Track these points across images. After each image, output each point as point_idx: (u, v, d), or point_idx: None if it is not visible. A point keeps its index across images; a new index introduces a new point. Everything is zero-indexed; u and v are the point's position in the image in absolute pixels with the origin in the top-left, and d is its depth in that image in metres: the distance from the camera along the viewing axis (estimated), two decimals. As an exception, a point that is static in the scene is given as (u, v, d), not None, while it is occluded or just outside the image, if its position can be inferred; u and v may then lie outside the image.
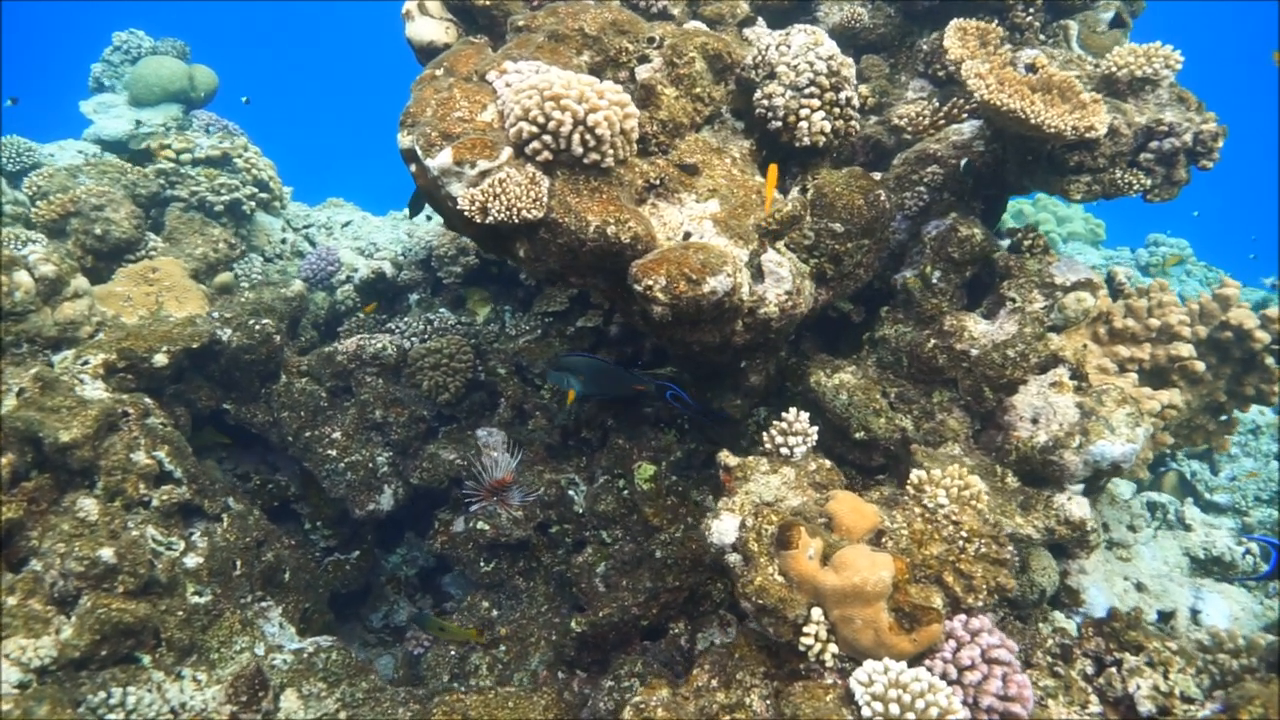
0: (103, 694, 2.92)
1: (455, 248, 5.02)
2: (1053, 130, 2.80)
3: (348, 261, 5.60)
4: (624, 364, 4.01)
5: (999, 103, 2.82)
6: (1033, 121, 2.79)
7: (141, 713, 2.98)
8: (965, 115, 3.65)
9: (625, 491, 3.79)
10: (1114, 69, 3.17)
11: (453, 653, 3.86)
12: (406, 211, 4.19)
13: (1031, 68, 3.18)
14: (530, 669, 3.73)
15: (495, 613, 4.01)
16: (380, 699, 3.41)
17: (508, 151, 2.71)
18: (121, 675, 3.01)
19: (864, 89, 3.93)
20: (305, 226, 6.17)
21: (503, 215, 2.61)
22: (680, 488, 3.73)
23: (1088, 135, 2.81)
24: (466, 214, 2.65)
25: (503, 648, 3.86)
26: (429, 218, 4.32)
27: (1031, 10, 3.61)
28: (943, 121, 3.69)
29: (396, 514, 4.36)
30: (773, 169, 2.98)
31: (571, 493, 3.95)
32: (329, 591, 4.15)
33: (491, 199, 2.62)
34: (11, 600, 2.88)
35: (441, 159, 2.68)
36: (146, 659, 3.11)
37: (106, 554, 3.04)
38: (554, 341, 4.73)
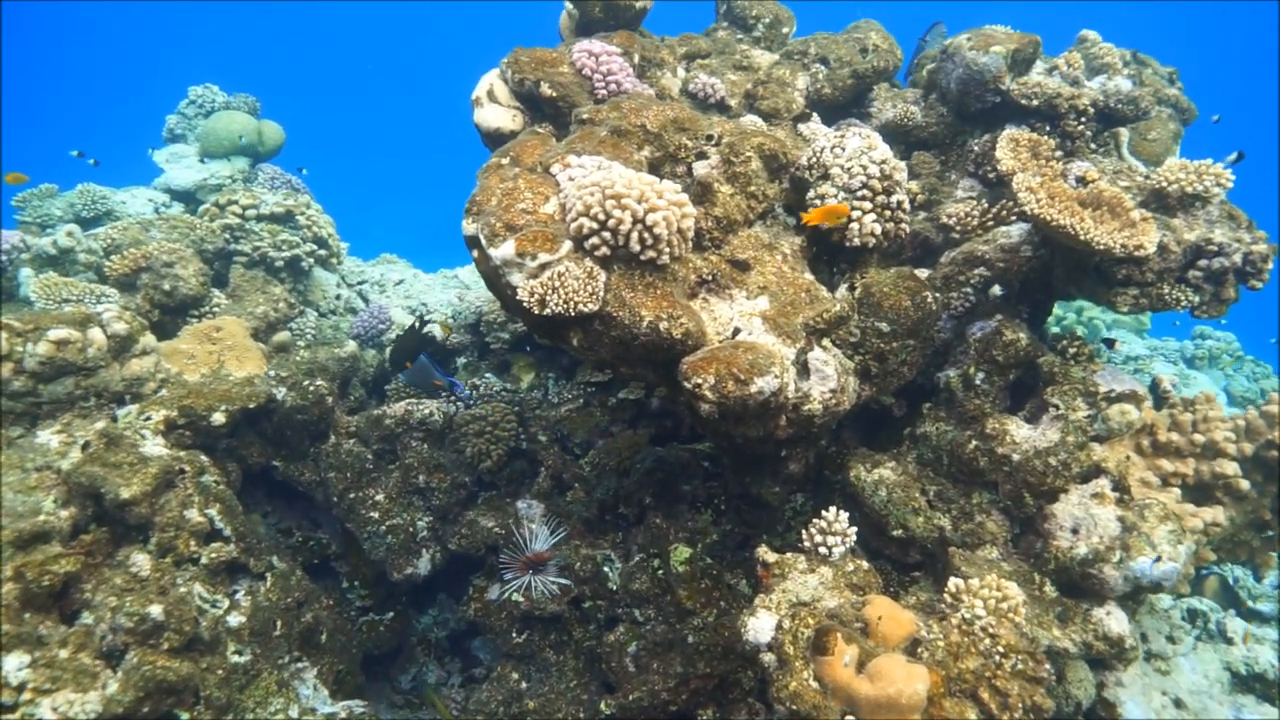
0: (142, 750, 2.99)
1: (504, 314, 5.14)
2: (1102, 247, 2.85)
3: (399, 320, 5.75)
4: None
5: (1049, 218, 2.88)
6: (1082, 238, 2.84)
7: (177, 770, 3.04)
8: (1014, 218, 3.70)
9: (660, 571, 3.82)
10: (1165, 184, 3.22)
11: (481, 724, 3.88)
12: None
13: (1082, 181, 3.24)
14: (557, 745, 3.74)
15: (524, 685, 4.03)
16: (408, 768, 3.43)
17: (568, 245, 2.81)
18: (160, 732, 3.08)
19: (913, 185, 4.01)
20: (360, 283, 6.35)
21: (560, 308, 2.70)
22: (715, 571, 3.75)
23: (1137, 253, 2.85)
24: (526, 304, 2.74)
25: (530, 721, 3.87)
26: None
27: (1083, 120, 3.68)
28: (991, 223, 3.75)
29: (432, 575, 4.42)
30: None
31: (606, 569, 3.99)
32: (361, 653, 4.20)
33: (550, 292, 2.72)
34: (64, 653, 2.97)
35: (504, 250, 2.79)
36: (185, 716, 3.18)
37: (155, 611, 3.13)
38: (595, 411, 4.81)
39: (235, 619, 3.48)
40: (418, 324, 4.61)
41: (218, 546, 3.51)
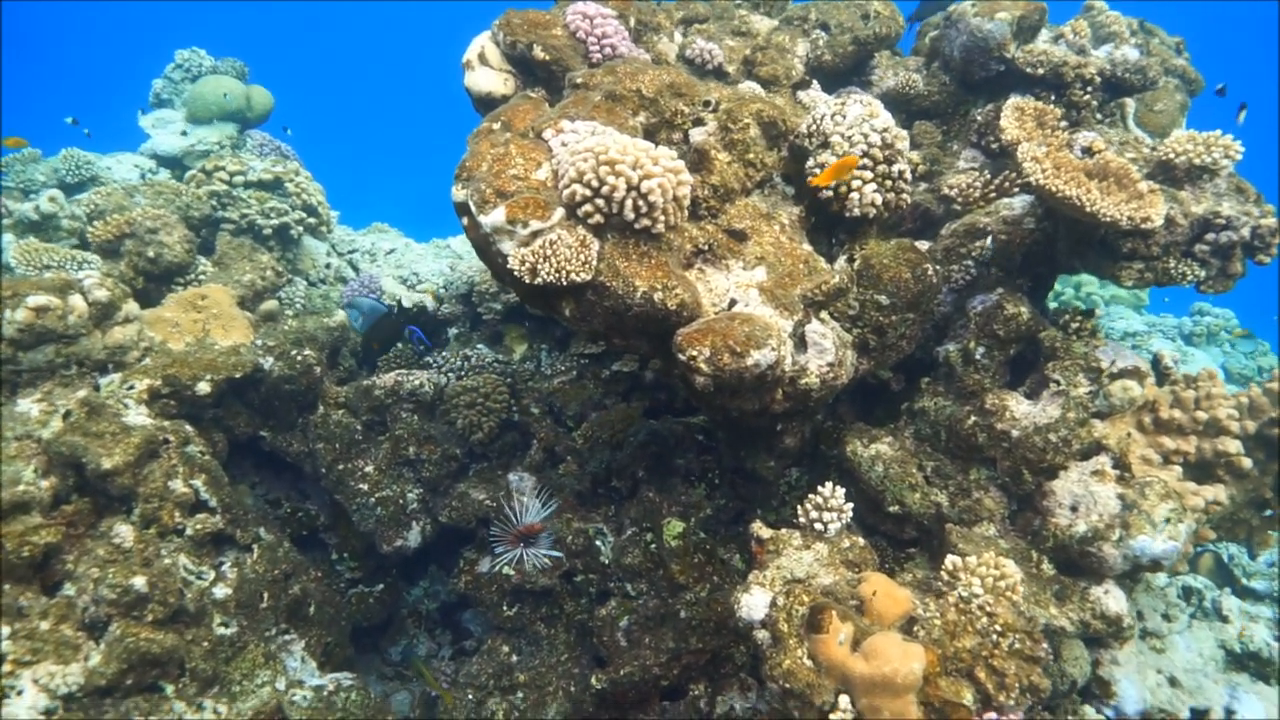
0: (125, 723, 2.95)
1: (497, 285, 5.06)
2: (1108, 219, 2.78)
3: (389, 290, 5.67)
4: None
5: (1054, 189, 2.81)
6: (1088, 209, 2.77)
7: (162, 743, 3.00)
8: (1016, 190, 3.63)
9: (653, 546, 3.77)
10: (1172, 156, 3.15)
11: (470, 697, 3.85)
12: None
13: (1088, 151, 3.16)
14: (547, 719, 3.71)
15: (515, 658, 4.00)
16: (396, 742, 3.40)
17: (560, 212, 2.73)
18: (144, 704, 3.04)
19: (914, 156, 3.93)
20: (350, 252, 6.26)
21: (552, 277, 2.63)
22: (708, 545, 3.71)
23: (1143, 226, 2.78)
24: (516, 273, 2.67)
25: (520, 695, 3.84)
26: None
27: (1089, 89, 3.60)
28: (993, 194, 3.67)
29: (422, 547, 4.38)
30: None
31: (599, 543, 3.94)
32: (351, 625, 4.16)
33: (542, 260, 2.64)
34: (45, 625, 2.92)
35: (494, 217, 2.71)
36: (170, 689, 3.14)
37: (139, 583, 3.07)
38: (589, 383, 4.75)
39: (221, 591, 3.43)
40: (395, 310, 4.56)
41: (203, 518, 3.45)
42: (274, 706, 3.26)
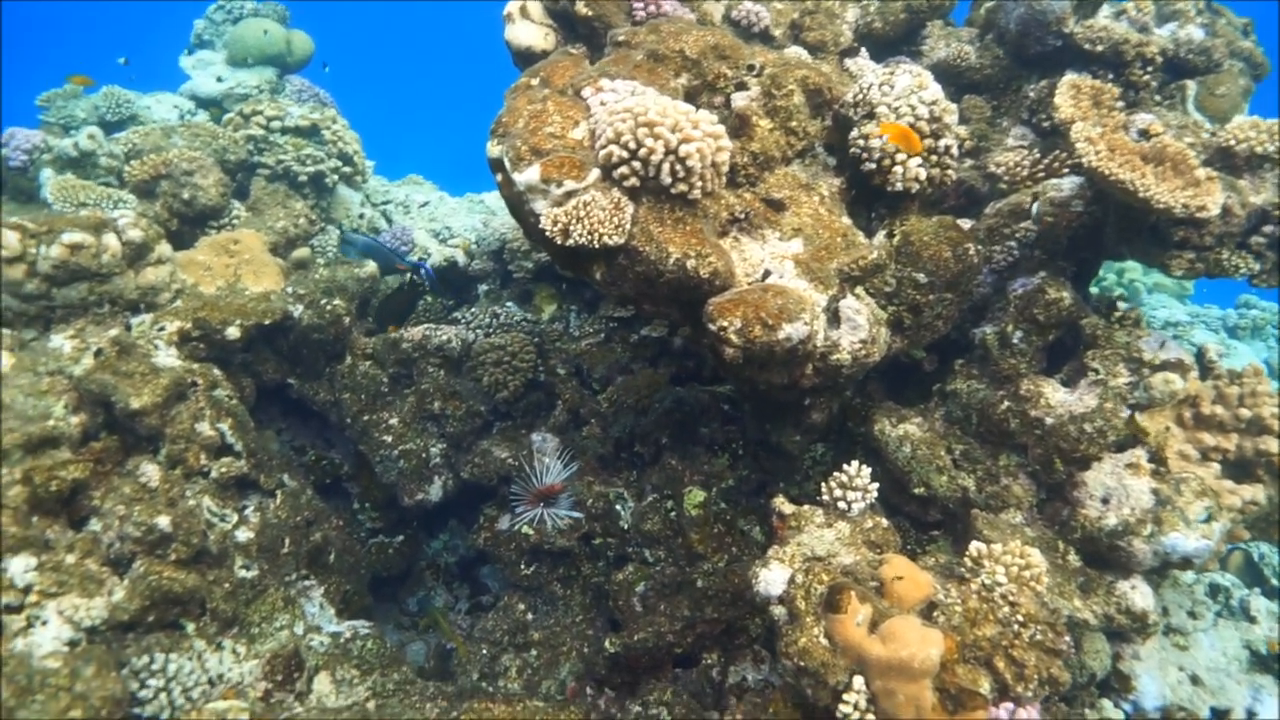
0: (146, 658, 3.00)
1: (528, 243, 5.02)
2: (1162, 206, 2.68)
3: (422, 243, 5.65)
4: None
5: (1108, 171, 2.71)
6: (1141, 195, 2.67)
7: (181, 680, 3.05)
8: (1065, 170, 3.52)
9: (673, 513, 3.76)
10: (1233, 142, 3.02)
11: (485, 651, 3.89)
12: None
13: (1145, 134, 3.05)
14: (559, 678, 3.74)
15: (530, 616, 4.02)
16: (410, 692, 3.43)
17: (595, 173, 2.68)
18: (165, 641, 3.09)
19: (962, 130, 3.82)
20: (384, 203, 6.23)
21: (584, 239, 2.59)
22: (728, 516, 3.69)
23: (1199, 215, 2.68)
24: (548, 233, 2.63)
25: (534, 652, 3.87)
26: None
27: (1149, 69, 3.46)
28: (1042, 174, 3.57)
29: (443, 502, 4.40)
30: None
31: (619, 507, 3.94)
32: (370, 574, 4.20)
33: (574, 221, 2.60)
34: (70, 559, 2.96)
35: (529, 175, 2.66)
36: (190, 627, 3.19)
37: (163, 522, 3.10)
38: (616, 347, 4.72)
39: (244, 534, 3.46)
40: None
41: (228, 461, 3.48)
42: (291, 650, 3.30)
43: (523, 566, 4.07)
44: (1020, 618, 2.39)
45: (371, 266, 4.74)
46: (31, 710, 2.63)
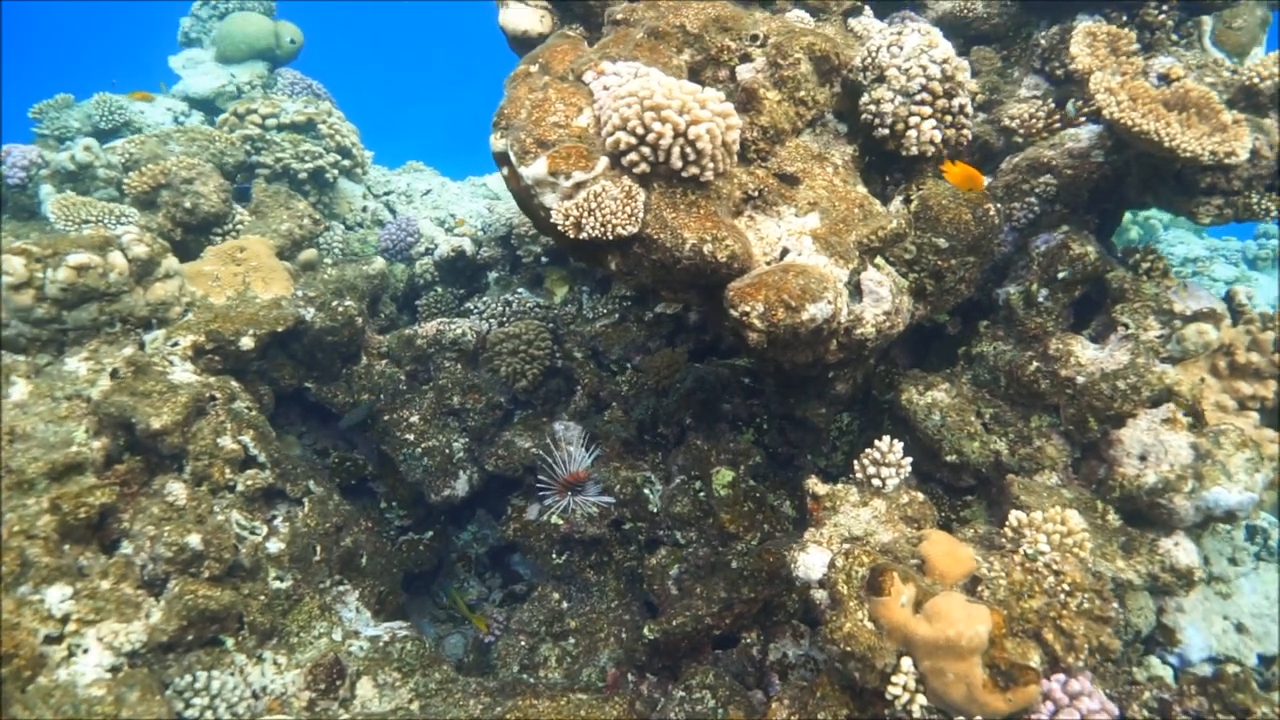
0: (189, 677, 3.00)
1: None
2: (1189, 154, 2.60)
3: (427, 233, 5.59)
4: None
5: (1131, 122, 2.62)
6: (1168, 145, 2.59)
7: (225, 696, 3.05)
8: (1083, 119, 3.42)
9: (701, 494, 3.73)
10: (1257, 80, 2.93)
11: (523, 643, 3.89)
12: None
13: (1165, 79, 2.95)
14: (599, 665, 3.74)
15: (565, 604, 4.02)
16: (452, 690, 3.44)
17: (604, 162, 2.61)
18: (206, 658, 3.09)
19: (973, 84, 3.71)
20: (386, 193, 6.16)
21: (597, 232, 2.53)
22: (758, 494, 3.66)
23: (1227, 161, 2.60)
24: (560, 227, 2.57)
25: (572, 641, 3.87)
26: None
27: (1165, 7, 3.35)
28: (1058, 125, 3.47)
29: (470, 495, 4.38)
30: None
31: (646, 491, 3.91)
32: (402, 572, 4.20)
33: (586, 214, 2.54)
34: (105, 584, 2.95)
35: (536, 168, 2.60)
36: (230, 642, 3.19)
37: (194, 540, 3.09)
38: (631, 326, 4.66)
39: (275, 545, 3.46)
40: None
41: (253, 473, 3.46)
42: (332, 658, 3.30)
43: (554, 556, 4.06)
44: (1066, 586, 2.35)
45: (380, 263, 4.69)
46: (81, 739, 2.64)
